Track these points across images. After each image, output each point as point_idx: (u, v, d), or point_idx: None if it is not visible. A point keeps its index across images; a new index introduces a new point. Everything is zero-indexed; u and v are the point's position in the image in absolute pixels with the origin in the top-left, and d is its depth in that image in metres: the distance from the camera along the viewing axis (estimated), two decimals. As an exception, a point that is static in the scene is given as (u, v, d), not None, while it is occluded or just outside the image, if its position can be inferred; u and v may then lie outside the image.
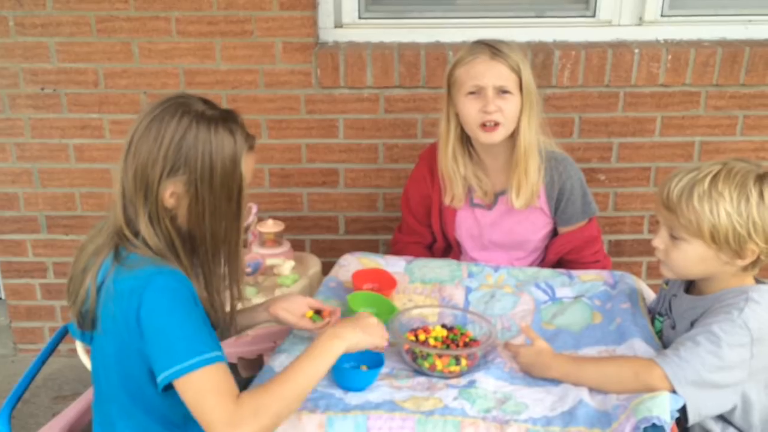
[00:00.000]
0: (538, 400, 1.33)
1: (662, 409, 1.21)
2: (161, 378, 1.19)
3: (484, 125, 1.79)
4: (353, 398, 1.33)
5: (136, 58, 2.40)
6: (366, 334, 1.33)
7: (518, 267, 1.88)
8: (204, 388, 1.17)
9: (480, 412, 1.29)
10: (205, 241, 1.30)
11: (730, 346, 1.31)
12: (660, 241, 1.46)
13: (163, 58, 2.40)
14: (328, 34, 2.47)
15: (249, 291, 2.02)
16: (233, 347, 1.95)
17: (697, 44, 2.40)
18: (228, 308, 1.40)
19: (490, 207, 1.94)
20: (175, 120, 1.25)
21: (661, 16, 2.44)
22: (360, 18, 2.47)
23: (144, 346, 1.21)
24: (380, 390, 1.35)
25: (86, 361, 1.84)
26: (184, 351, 1.18)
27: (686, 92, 2.41)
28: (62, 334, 1.74)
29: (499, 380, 1.40)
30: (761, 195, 1.36)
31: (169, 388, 1.21)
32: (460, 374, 1.42)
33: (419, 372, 1.44)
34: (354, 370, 1.39)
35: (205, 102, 1.31)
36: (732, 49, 2.35)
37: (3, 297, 2.74)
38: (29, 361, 1.66)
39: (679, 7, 2.44)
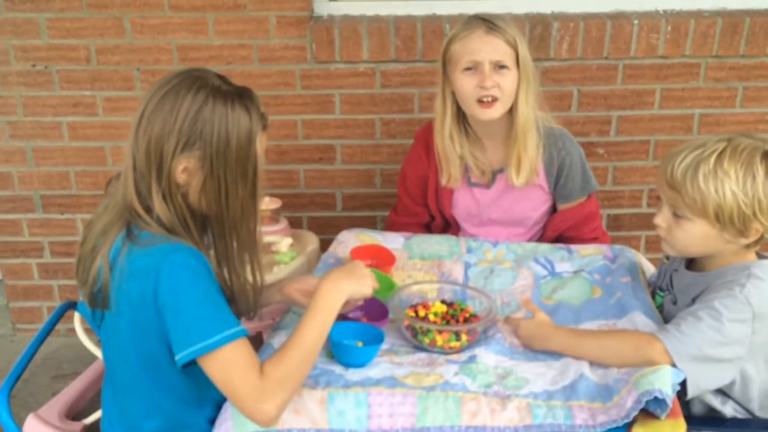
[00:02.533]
0: (539, 375, 1.33)
1: (664, 382, 1.22)
2: (184, 354, 1.17)
3: (481, 101, 1.76)
4: (354, 375, 1.33)
5: (128, 33, 2.36)
6: (359, 285, 1.33)
7: (517, 242, 1.87)
8: (231, 363, 1.17)
9: (481, 387, 1.29)
10: (221, 219, 1.28)
11: (731, 322, 1.31)
12: (662, 219, 1.44)
13: (155, 33, 2.36)
14: (323, 7, 2.43)
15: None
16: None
17: (697, 14, 2.36)
18: (250, 290, 1.38)
19: (488, 186, 1.92)
20: (191, 93, 1.22)
21: (661, -15, 2.41)
22: (355, -10, 2.44)
23: (162, 325, 1.20)
24: (380, 366, 1.35)
25: (86, 342, 1.84)
26: (207, 328, 1.17)
27: (686, 63, 2.39)
28: (60, 314, 1.74)
29: (500, 355, 1.40)
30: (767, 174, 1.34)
31: (187, 366, 1.20)
32: (461, 350, 1.43)
33: (419, 348, 1.44)
34: (354, 347, 1.39)
35: (221, 77, 1.28)
36: (732, 19, 2.32)
37: (0, 277, 2.73)
38: (27, 341, 1.66)
39: (679, -24, 2.40)
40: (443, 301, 1.55)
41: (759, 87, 2.42)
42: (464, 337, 1.43)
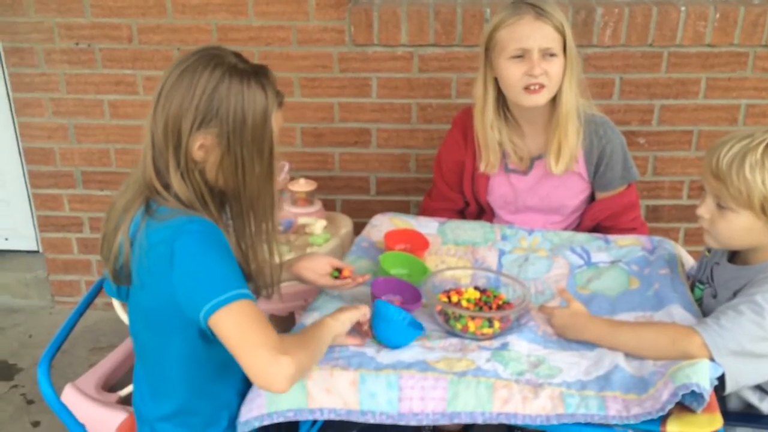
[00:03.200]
0: (573, 364, 1.32)
1: (702, 376, 1.19)
2: (203, 314, 1.16)
3: (528, 88, 1.73)
4: (385, 357, 1.33)
5: (170, 13, 2.38)
6: (354, 310, 1.37)
7: (553, 231, 1.84)
8: (248, 316, 1.15)
9: (513, 374, 1.28)
10: (238, 197, 1.30)
11: None
12: (705, 210, 1.41)
13: (196, 13, 2.38)
14: (363, -11, 2.42)
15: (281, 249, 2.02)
16: (265, 304, 1.96)
17: (747, 2, 2.29)
18: (268, 268, 1.39)
19: (525, 172, 1.90)
20: (208, 71, 1.24)
21: (711, -29, 2.34)
22: (395, -27, 2.41)
23: (176, 297, 1.21)
24: (412, 350, 1.35)
25: (123, 316, 1.88)
26: (222, 285, 1.17)
27: (733, 53, 2.32)
28: (99, 288, 1.77)
29: (533, 343, 1.39)
30: None
31: (205, 337, 1.21)
32: (493, 336, 1.42)
33: (451, 333, 1.43)
34: (399, 324, 1.38)
35: (237, 55, 1.29)
36: (785, 7, 2.25)
37: (41, 251, 2.80)
38: (66, 313, 1.70)
39: (730, -38, 2.33)
40: (476, 288, 1.54)
41: (810, 78, 2.34)
42: (497, 324, 1.42)
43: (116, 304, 1.94)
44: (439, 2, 2.36)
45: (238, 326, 1.15)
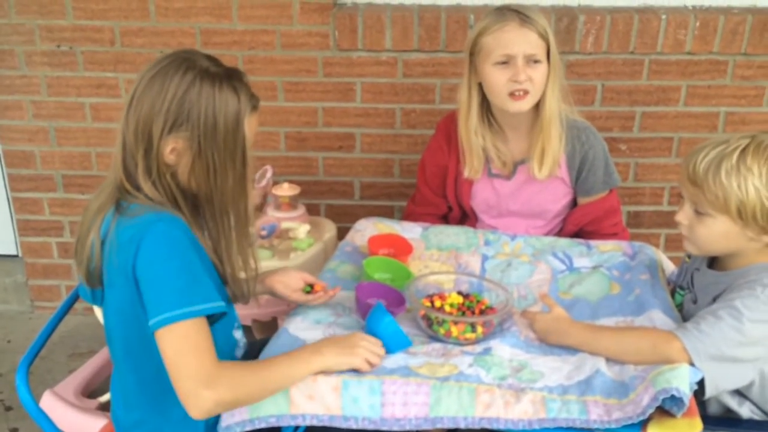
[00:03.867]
0: (555, 369, 1.32)
1: (682, 381, 1.20)
2: (151, 323, 1.16)
3: (512, 94, 1.74)
4: None
5: (153, 16, 2.37)
6: (348, 356, 1.27)
7: (535, 236, 1.86)
8: (187, 341, 1.15)
9: (495, 379, 1.29)
10: (211, 201, 1.29)
11: (752, 322, 1.29)
12: (684, 216, 1.42)
13: (179, 17, 2.36)
14: (347, -6, 2.42)
15: (264, 254, 2.02)
16: (247, 309, 1.96)
17: (727, 11, 2.32)
18: (244, 274, 1.38)
19: (509, 177, 1.91)
20: (179, 75, 1.23)
21: (691, -20, 2.37)
22: (380, -22, 2.42)
23: (140, 295, 1.20)
24: (395, 356, 1.35)
25: (102, 320, 1.85)
26: (174, 299, 1.16)
27: (713, 60, 2.35)
28: (76, 295, 1.75)
29: (515, 348, 1.39)
30: None
31: None
32: (476, 341, 1.42)
33: (434, 338, 1.43)
34: (397, 332, 1.36)
35: (210, 59, 1.29)
36: (762, 16, 2.28)
37: (20, 255, 2.77)
38: (46, 318, 1.68)
39: (710, -29, 2.37)
40: (459, 293, 1.55)
41: (788, 86, 2.38)
42: (480, 329, 1.42)
43: (96, 308, 1.92)
44: (423, 8, 2.36)
45: (174, 350, 1.16)
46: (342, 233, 2.19)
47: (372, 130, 2.49)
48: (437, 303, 1.49)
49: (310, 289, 1.53)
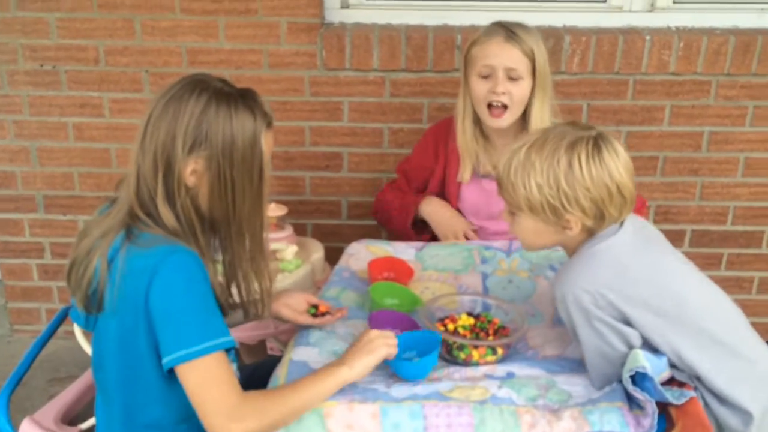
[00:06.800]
0: (578, 384, 1.33)
1: (637, 360, 1.26)
2: (171, 359, 1.16)
3: (491, 105, 1.80)
4: (398, 391, 1.29)
5: (138, 35, 2.35)
6: (372, 353, 1.28)
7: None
8: (213, 375, 1.15)
9: (528, 400, 1.28)
10: (229, 220, 1.28)
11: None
12: (505, 216, 1.42)
13: (165, 36, 2.35)
14: (335, 14, 2.42)
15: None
16: (235, 332, 1.91)
17: (709, 32, 2.36)
18: (259, 294, 1.37)
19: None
20: (194, 97, 1.23)
21: (674, 2, 2.41)
22: (367, -1, 2.43)
23: (150, 327, 1.19)
24: (423, 382, 1.32)
25: (85, 345, 1.82)
26: (194, 334, 1.16)
27: (697, 81, 2.38)
28: (63, 316, 1.71)
29: (534, 368, 1.38)
30: (570, 164, 1.28)
31: (172, 373, 1.18)
32: (495, 362, 1.40)
33: (451, 362, 1.41)
34: (411, 362, 1.35)
35: (222, 81, 1.29)
36: (745, 37, 2.32)
37: (-1, 277, 2.71)
38: (25, 342, 1.64)
39: (692, -7, 2.40)
40: (470, 314, 1.52)
41: (769, 106, 2.41)
42: (500, 351, 1.41)
43: (78, 332, 1.87)
44: (410, 28, 2.37)
45: (198, 386, 1.15)
46: (329, 253, 2.18)
47: (359, 149, 2.48)
48: (450, 326, 1.47)
49: (315, 310, 1.51)
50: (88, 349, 1.83)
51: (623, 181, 1.31)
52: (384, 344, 1.29)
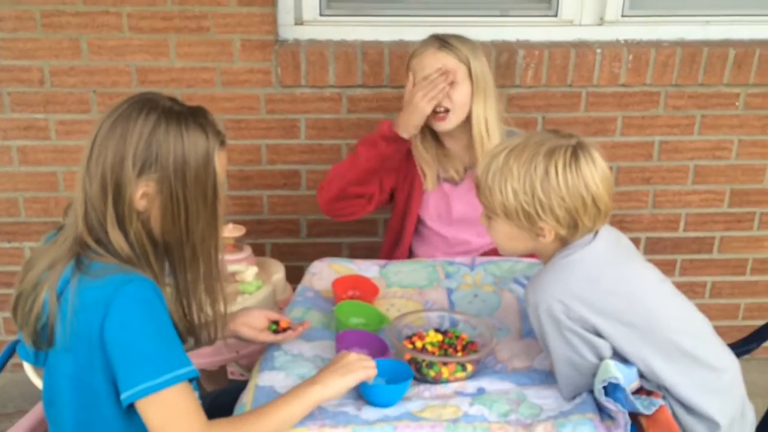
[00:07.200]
0: (549, 397, 1.33)
1: (608, 371, 1.27)
2: (130, 394, 1.11)
3: (435, 112, 1.85)
4: (369, 414, 1.26)
5: (85, 54, 2.28)
6: (348, 374, 1.25)
7: (493, 261, 1.86)
8: (175, 408, 1.11)
9: (500, 416, 1.27)
10: (182, 243, 1.23)
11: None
12: (482, 219, 1.43)
13: (113, 55, 2.28)
14: (289, 31, 2.40)
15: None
16: (195, 359, 1.85)
17: (657, 44, 2.42)
18: (212, 318, 1.32)
19: (458, 182, 1.99)
20: (143, 116, 1.18)
21: (622, 16, 2.46)
22: (321, 15, 2.41)
23: (107, 362, 1.13)
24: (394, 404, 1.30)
25: (35, 379, 1.73)
26: (154, 367, 1.11)
27: (646, 92, 2.44)
28: (10, 352, 1.62)
29: (505, 382, 1.38)
30: (546, 171, 1.28)
31: (131, 408, 1.13)
32: (465, 378, 1.39)
33: (421, 381, 1.39)
34: (385, 386, 1.33)
35: (172, 99, 1.24)
36: (691, 49, 2.39)
37: (-61, 309, 2.57)
38: (-32, 377, 1.55)
39: (639, 7, 2.46)
40: (437, 330, 1.51)
41: (716, 115, 2.48)
42: (469, 367, 1.39)
43: (28, 367, 1.78)
44: (366, 44, 2.37)
45: (162, 419, 1.11)
46: (290, 272, 2.14)
47: (317, 166, 2.45)
48: (418, 344, 1.45)
49: (275, 326, 1.46)
50: (39, 383, 1.74)
51: (599, 192, 1.31)
52: (362, 366, 1.27)
